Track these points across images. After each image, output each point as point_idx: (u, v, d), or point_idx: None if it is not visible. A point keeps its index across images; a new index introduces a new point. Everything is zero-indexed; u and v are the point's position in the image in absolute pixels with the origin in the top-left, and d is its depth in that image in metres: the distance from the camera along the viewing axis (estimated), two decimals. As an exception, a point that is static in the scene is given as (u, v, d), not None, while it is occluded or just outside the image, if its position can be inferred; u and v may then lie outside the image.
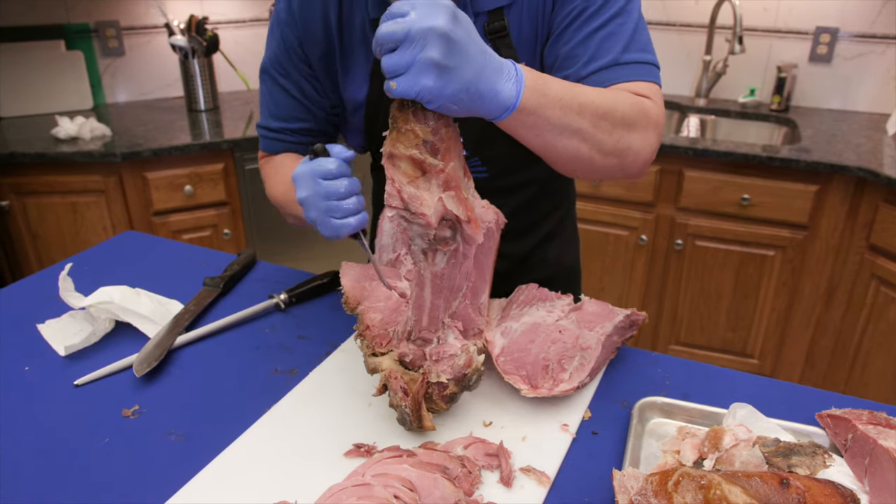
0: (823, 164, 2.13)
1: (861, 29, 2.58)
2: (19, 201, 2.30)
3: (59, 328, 1.08)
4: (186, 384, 0.97)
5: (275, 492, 0.76)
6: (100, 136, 2.38)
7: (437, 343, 0.84)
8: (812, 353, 2.42)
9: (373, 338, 0.89)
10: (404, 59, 0.68)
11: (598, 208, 2.51)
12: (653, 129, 0.92)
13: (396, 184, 0.74)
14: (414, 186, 0.74)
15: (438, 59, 0.67)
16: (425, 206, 0.74)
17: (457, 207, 0.76)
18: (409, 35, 0.67)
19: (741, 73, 2.80)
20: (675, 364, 1.01)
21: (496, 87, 0.73)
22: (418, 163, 0.74)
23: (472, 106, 0.73)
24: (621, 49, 0.93)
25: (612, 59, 0.93)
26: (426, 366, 0.83)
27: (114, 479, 0.79)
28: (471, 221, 0.77)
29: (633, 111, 0.88)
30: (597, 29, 0.94)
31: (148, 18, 2.82)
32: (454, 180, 0.76)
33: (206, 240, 2.46)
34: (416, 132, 0.73)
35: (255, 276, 1.29)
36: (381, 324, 0.90)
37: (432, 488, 0.72)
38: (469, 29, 0.70)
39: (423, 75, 0.68)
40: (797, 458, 0.75)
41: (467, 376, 0.83)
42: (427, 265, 0.80)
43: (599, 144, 0.86)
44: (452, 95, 0.70)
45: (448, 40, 0.67)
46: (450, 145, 0.75)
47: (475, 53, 0.70)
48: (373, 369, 0.87)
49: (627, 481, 0.70)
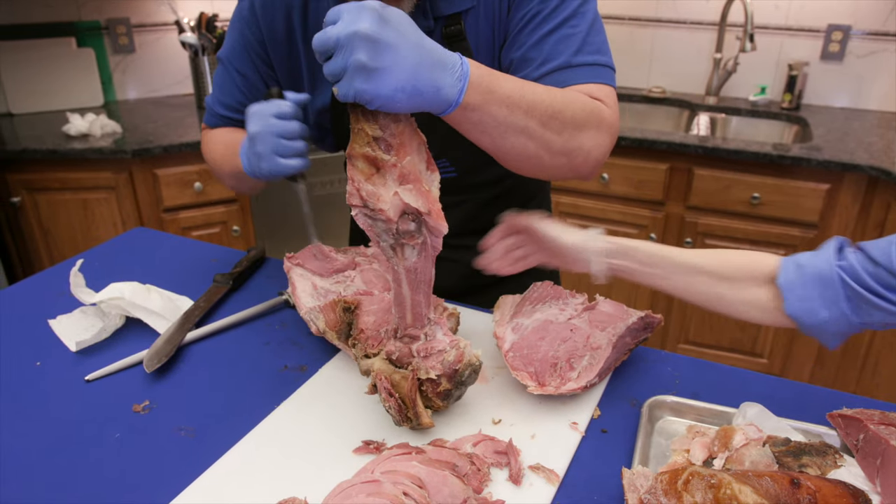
0: (835, 163, 2.11)
1: (874, 26, 2.56)
2: (31, 197, 2.31)
3: (71, 324, 1.09)
4: (196, 380, 0.97)
5: (284, 488, 0.76)
6: (110, 132, 2.39)
7: (425, 339, 0.84)
8: (822, 354, 2.40)
9: (366, 339, 0.90)
10: (338, 64, 0.69)
11: (607, 206, 2.51)
12: (605, 129, 0.92)
13: (355, 182, 0.76)
14: (371, 184, 0.75)
15: (366, 62, 0.68)
16: (382, 202, 0.75)
17: (416, 200, 0.76)
18: (338, 42, 0.68)
19: (752, 71, 2.79)
20: (685, 363, 1.01)
21: (437, 82, 0.73)
22: (371, 160, 0.75)
23: (414, 103, 0.73)
24: (573, 52, 0.94)
25: (564, 61, 0.94)
26: (415, 362, 0.83)
27: (124, 474, 0.80)
28: (432, 213, 0.77)
29: (584, 112, 0.89)
30: (550, 32, 0.95)
31: (158, 16, 2.83)
32: (412, 174, 0.77)
33: (215, 236, 2.47)
34: (365, 131, 0.74)
35: (265, 273, 1.29)
36: (375, 325, 0.91)
37: (441, 485, 0.72)
38: (400, 27, 0.70)
39: (356, 79, 0.69)
40: (808, 457, 0.74)
41: (459, 371, 0.82)
42: (398, 260, 0.81)
43: (548, 144, 0.86)
44: (389, 95, 0.70)
45: (373, 42, 0.68)
46: (403, 140, 0.76)
47: (407, 51, 0.70)
48: (365, 371, 0.88)
49: (637, 480, 0.70)
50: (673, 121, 2.88)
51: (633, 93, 2.92)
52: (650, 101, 2.91)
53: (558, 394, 0.88)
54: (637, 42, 2.94)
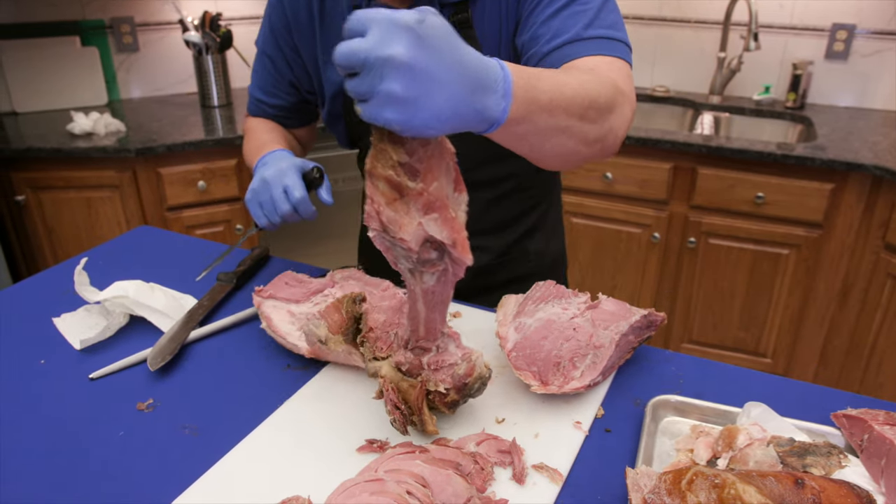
0: (839, 163, 2.11)
1: (878, 25, 2.55)
2: (35, 196, 2.32)
3: (75, 322, 1.09)
4: (200, 378, 0.97)
5: (287, 487, 0.76)
6: (114, 131, 2.39)
7: (437, 352, 0.82)
8: (826, 353, 2.40)
9: (374, 339, 0.88)
10: (363, 87, 0.59)
11: (610, 206, 2.50)
12: (628, 104, 0.88)
13: (375, 205, 0.68)
14: (392, 209, 0.68)
15: (399, 93, 0.58)
16: (404, 231, 0.68)
17: (440, 231, 0.69)
18: (367, 63, 0.58)
19: (756, 71, 2.78)
20: (689, 362, 1.00)
21: (479, 105, 0.64)
22: (395, 185, 0.67)
23: (451, 126, 0.64)
24: (584, 26, 0.91)
25: (575, 34, 0.90)
26: (424, 374, 0.81)
27: (128, 471, 0.80)
28: (457, 245, 0.70)
29: (610, 91, 0.83)
30: (560, 9, 0.93)
31: (162, 15, 2.84)
32: (439, 200, 0.69)
33: (218, 235, 2.47)
34: (389, 153, 0.66)
35: (269, 272, 1.29)
36: (384, 326, 0.90)
37: (445, 484, 0.72)
38: (440, 44, 0.60)
39: (386, 108, 0.59)
40: (812, 457, 0.74)
41: (468, 385, 0.81)
42: (416, 283, 0.76)
43: (585, 136, 0.80)
44: (423, 124, 0.61)
45: (409, 70, 0.58)
46: (431, 164, 0.68)
47: (447, 74, 0.60)
48: (373, 374, 0.86)
49: (641, 479, 0.70)
50: (677, 120, 2.88)
51: (637, 92, 2.90)
52: (654, 100, 2.90)
53: (561, 393, 0.88)
54: (641, 41, 2.93)
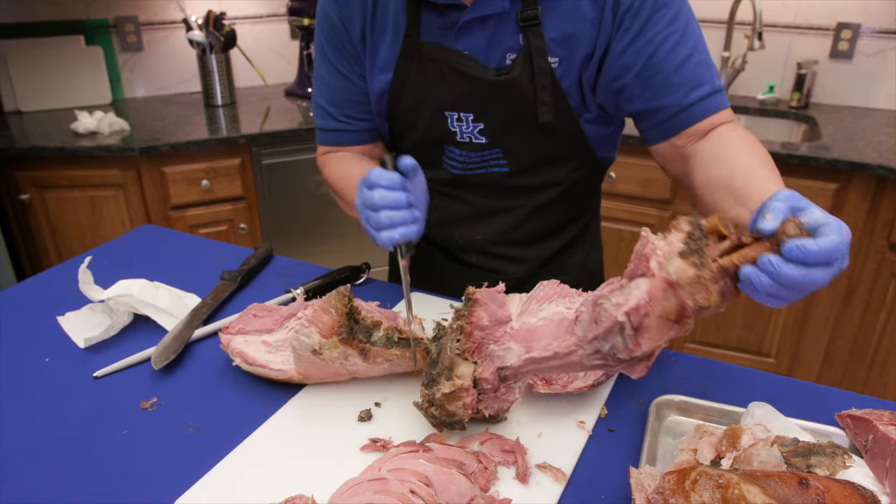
0: (843, 162, 2.10)
1: (883, 24, 2.54)
2: (39, 195, 2.32)
3: (79, 320, 1.09)
4: (204, 377, 0.97)
5: (291, 485, 0.77)
6: (118, 130, 2.40)
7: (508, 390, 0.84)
8: (830, 353, 2.39)
9: (469, 335, 0.81)
10: (826, 277, 0.64)
11: (614, 205, 2.50)
12: None
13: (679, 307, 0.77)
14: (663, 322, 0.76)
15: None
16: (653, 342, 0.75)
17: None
18: (839, 253, 0.63)
19: (760, 70, 2.77)
20: (693, 362, 1.00)
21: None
22: (685, 314, 0.78)
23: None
24: (714, 74, 0.98)
25: (711, 88, 0.97)
26: (487, 397, 0.82)
27: (132, 470, 0.80)
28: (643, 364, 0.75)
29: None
30: (687, 57, 0.96)
31: (166, 14, 2.84)
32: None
33: (222, 234, 2.48)
34: (714, 300, 0.76)
35: (272, 271, 1.29)
36: (484, 332, 0.82)
37: (448, 483, 0.72)
38: None
39: (827, 278, 0.64)
40: (816, 458, 0.74)
41: (498, 417, 0.85)
42: (588, 362, 0.79)
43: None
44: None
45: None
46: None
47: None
48: (448, 367, 0.80)
49: (644, 479, 0.69)
50: (680, 119, 2.87)
51: (641, 91, 2.91)
52: (658, 99, 2.90)
53: (565, 392, 0.88)
54: (645, 40, 2.93)
